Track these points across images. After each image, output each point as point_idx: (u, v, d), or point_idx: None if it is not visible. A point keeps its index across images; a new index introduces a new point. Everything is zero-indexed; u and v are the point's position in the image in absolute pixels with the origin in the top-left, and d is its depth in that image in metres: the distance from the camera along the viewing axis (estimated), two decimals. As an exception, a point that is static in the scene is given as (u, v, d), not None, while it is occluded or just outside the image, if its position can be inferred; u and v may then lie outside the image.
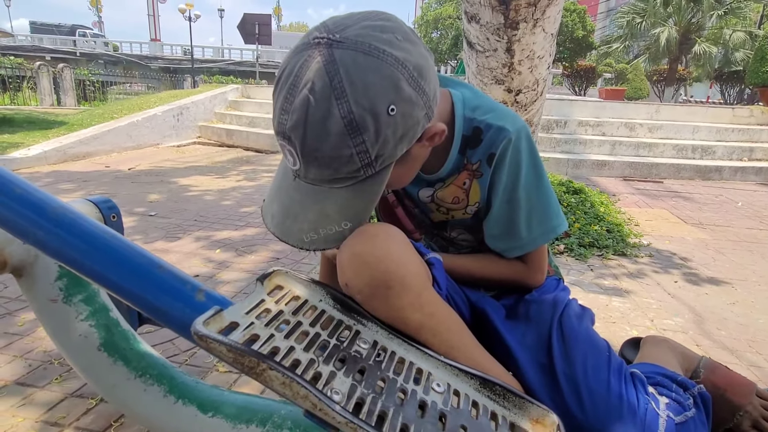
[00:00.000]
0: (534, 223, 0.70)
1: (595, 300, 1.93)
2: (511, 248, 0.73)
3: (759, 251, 2.73)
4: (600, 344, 0.65)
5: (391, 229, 0.54)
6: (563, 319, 0.67)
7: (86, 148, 5.17)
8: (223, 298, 0.52)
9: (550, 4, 1.74)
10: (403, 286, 0.50)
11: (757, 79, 7.97)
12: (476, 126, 0.68)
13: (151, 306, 0.50)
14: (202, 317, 0.43)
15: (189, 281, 0.51)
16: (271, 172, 4.69)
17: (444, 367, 0.48)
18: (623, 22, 16.58)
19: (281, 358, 0.42)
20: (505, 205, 0.69)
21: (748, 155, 5.85)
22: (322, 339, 0.47)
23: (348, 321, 0.51)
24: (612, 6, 27.83)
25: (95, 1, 42.56)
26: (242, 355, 0.39)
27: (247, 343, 0.42)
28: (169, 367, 0.84)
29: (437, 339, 0.52)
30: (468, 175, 0.70)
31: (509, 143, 0.66)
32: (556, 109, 6.57)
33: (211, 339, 0.40)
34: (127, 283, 0.49)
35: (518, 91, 2.03)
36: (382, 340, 0.50)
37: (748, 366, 1.48)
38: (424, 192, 0.74)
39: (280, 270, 0.55)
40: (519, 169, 0.67)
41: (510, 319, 0.71)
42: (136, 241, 2.39)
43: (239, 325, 0.44)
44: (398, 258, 0.50)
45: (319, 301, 0.52)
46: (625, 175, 5.29)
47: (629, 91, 13.71)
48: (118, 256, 0.50)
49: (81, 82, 13.32)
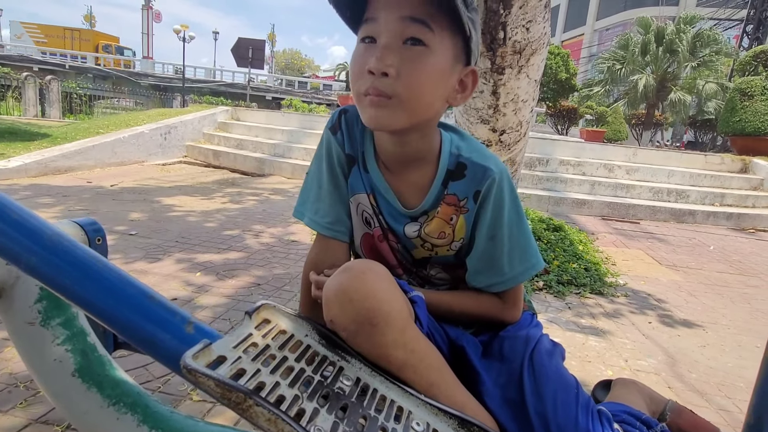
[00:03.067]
0: (515, 260, 0.74)
1: (572, 338, 1.95)
2: (493, 284, 0.75)
3: (729, 295, 2.82)
4: (569, 380, 0.67)
5: (376, 267, 0.56)
6: (534, 356, 0.69)
7: (69, 162, 5.10)
8: (211, 331, 0.52)
9: (534, 52, 1.84)
10: (387, 323, 0.51)
11: (728, 128, 8.39)
12: (461, 162, 0.73)
13: (140, 336, 0.50)
14: (191, 351, 0.43)
15: (178, 312, 0.52)
16: (257, 196, 4.68)
17: (424, 405, 0.49)
18: (604, 68, 17.37)
19: (267, 393, 0.42)
20: (489, 241, 0.73)
21: (719, 200, 6.09)
22: (307, 375, 0.48)
23: (332, 357, 0.52)
24: (594, 52, 29.15)
25: (89, 16, 42.75)
26: (230, 390, 0.40)
27: (234, 377, 0.43)
28: (144, 395, 0.82)
29: (418, 376, 0.53)
30: (455, 211, 0.74)
31: (493, 182, 0.71)
32: (539, 147, 6.77)
33: (200, 373, 0.41)
34: (117, 313, 0.50)
35: (502, 131, 2.11)
36: (365, 377, 0.51)
37: (717, 410, 1.51)
38: (410, 227, 0.76)
39: (268, 303, 0.56)
40: (502, 208, 0.72)
41: (486, 357, 0.73)
42: (115, 260, 2.34)
43: (227, 359, 0.45)
44: (383, 296, 0.52)
45: (305, 336, 0.54)
46: (603, 215, 5.44)
47: (609, 132, 14.23)
48: (108, 284, 0.50)
49: (68, 94, 13.23)
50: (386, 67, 0.60)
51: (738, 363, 1.88)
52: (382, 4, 0.61)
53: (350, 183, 0.78)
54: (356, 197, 0.79)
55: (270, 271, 2.42)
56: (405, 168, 0.75)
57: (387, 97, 0.61)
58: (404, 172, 0.75)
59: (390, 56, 0.60)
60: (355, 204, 0.79)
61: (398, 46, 0.61)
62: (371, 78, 0.61)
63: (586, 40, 32.59)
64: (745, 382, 1.71)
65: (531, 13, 1.72)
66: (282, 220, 3.65)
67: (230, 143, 7.16)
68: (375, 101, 0.62)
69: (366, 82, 0.62)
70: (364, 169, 0.77)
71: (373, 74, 0.61)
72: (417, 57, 0.61)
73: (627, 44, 16.86)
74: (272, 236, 3.15)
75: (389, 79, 0.61)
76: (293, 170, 6.16)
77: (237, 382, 0.41)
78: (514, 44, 1.78)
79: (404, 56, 0.61)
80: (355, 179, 0.78)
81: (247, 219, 3.59)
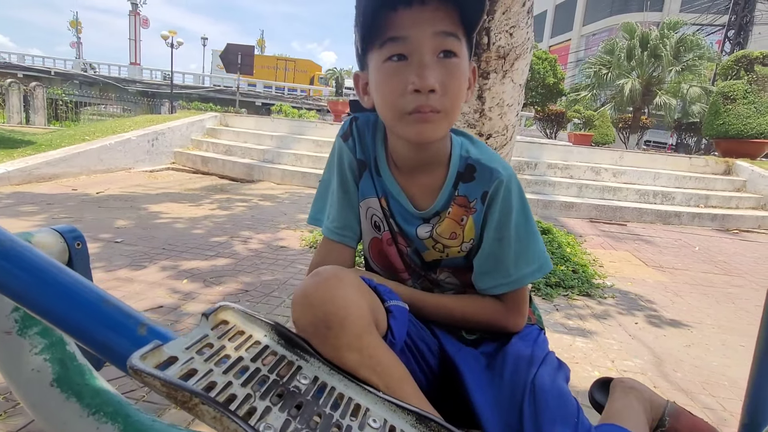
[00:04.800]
0: (521, 261, 0.75)
1: (559, 340, 1.97)
2: (498, 285, 0.76)
3: (714, 295, 2.86)
4: (570, 408, 0.65)
5: (343, 274, 0.57)
6: (536, 380, 0.67)
7: (53, 170, 5.04)
8: (166, 332, 0.53)
9: (518, 57, 1.86)
10: (342, 327, 0.52)
11: (712, 131, 8.55)
12: (470, 164, 0.75)
13: (93, 340, 0.51)
14: (139, 351, 0.44)
15: (133, 315, 0.52)
16: (246, 202, 4.66)
17: (382, 402, 0.50)
18: (591, 72, 17.62)
19: (217, 392, 0.43)
20: (496, 242, 0.74)
21: (704, 202, 6.19)
22: (262, 374, 0.48)
23: (291, 356, 0.52)
24: (581, 57, 29.56)
25: (75, 22, 42.39)
26: (175, 389, 0.41)
27: (184, 377, 0.43)
28: (125, 404, 0.81)
29: (376, 377, 0.54)
30: (465, 212, 0.76)
31: (501, 184, 0.73)
32: (527, 151, 6.84)
33: (145, 373, 0.41)
34: (70, 317, 0.50)
35: (489, 135, 2.12)
36: (323, 376, 0.51)
37: (702, 408, 1.53)
38: (423, 228, 0.77)
39: (227, 305, 0.56)
40: (510, 209, 0.74)
41: (488, 371, 0.72)
42: (99, 268, 2.31)
43: (178, 359, 0.46)
44: (341, 301, 0.54)
45: (264, 336, 0.54)
46: (591, 217, 5.50)
47: (596, 136, 14.43)
48: (63, 289, 0.51)
49: (53, 101, 13.08)
50: (432, 84, 0.63)
51: (722, 362, 1.91)
52: (411, 21, 0.63)
53: (361, 188, 0.80)
54: (366, 201, 0.80)
55: (258, 277, 2.40)
56: (417, 171, 0.76)
57: (437, 112, 0.65)
58: (416, 175, 0.77)
59: (433, 73, 0.63)
60: (365, 208, 0.81)
61: (435, 62, 0.64)
62: (417, 96, 0.63)
63: (574, 45, 33.05)
64: (729, 381, 1.74)
65: (514, 19, 1.74)
66: (271, 226, 3.63)
67: (219, 149, 7.13)
68: (427, 117, 0.64)
69: (412, 101, 0.64)
70: (376, 173, 0.79)
71: (418, 92, 0.63)
72: (454, 69, 0.65)
73: (613, 49, 17.14)
74: (261, 242, 3.13)
75: (436, 95, 0.64)
76: (283, 176, 6.14)
77: (184, 382, 0.41)
78: (498, 49, 1.80)
79: (443, 70, 0.64)
80: (366, 184, 0.80)
81: (236, 225, 3.57)
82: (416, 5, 0.62)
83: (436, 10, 0.63)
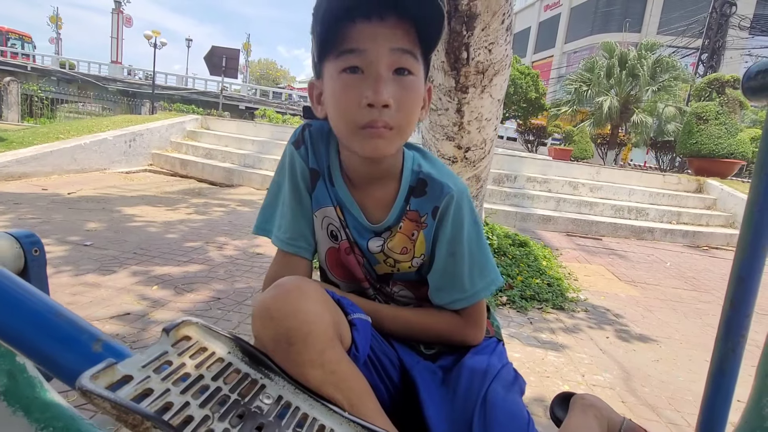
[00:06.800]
0: (476, 276, 0.75)
1: (532, 353, 1.98)
2: (455, 301, 0.75)
3: (683, 310, 2.93)
4: (520, 420, 0.64)
5: (306, 285, 0.56)
6: (488, 395, 0.67)
7: (23, 168, 4.88)
8: (123, 349, 0.50)
9: (497, 73, 1.89)
10: (305, 343, 0.51)
11: (686, 150, 8.83)
12: (421, 178, 0.75)
13: (42, 355, 0.47)
14: (90, 370, 0.41)
15: (87, 330, 0.49)
16: (224, 207, 4.59)
17: (348, 423, 0.48)
18: (571, 89, 18.03)
19: (171, 415, 0.41)
20: (450, 257, 0.74)
21: (676, 219, 6.36)
22: (223, 394, 0.46)
23: (255, 374, 0.50)
24: (563, 73, 30.24)
25: (55, 17, 41.46)
26: (126, 412, 0.38)
27: (138, 398, 0.41)
28: (77, 418, 0.78)
29: (340, 395, 0.53)
30: (416, 227, 0.75)
31: (452, 199, 0.73)
32: (507, 164, 6.93)
33: (94, 394, 0.39)
34: (16, 330, 0.47)
35: (467, 148, 2.15)
36: (288, 395, 0.50)
37: (667, 423, 1.55)
38: (374, 242, 0.76)
39: (189, 320, 0.54)
40: (462, 225, 0.73)
41: (443, 386, 0.72)
42: (65, 273, 2.24)
43: (133, 378, 0.43)
44: (304, 316, 0.52)
45: (227, 353, 0.52)
46: (568, 231, 5.59)
47: (575, 151, 14.75)
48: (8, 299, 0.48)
49: (29, 97, 12.72)
50: (386, 99, 0.62)
51: (688, 377, 1.94)
52: (369, 35, 0.62)
53: (315, 197, 0.78)
54: (322, 210, 0.78)
55: (231, 284, 2.36)
56: (370, 184, 0.75)
57: (390, 128, 0.64)
58: (369, 188, 0.75)
59: (387, 88, 0.62)
60: (320, 218, 0.79)
61: (391, 78, 0.63)
62: (371, 110, 0.62)
63: (556, 61, 33.80)
64: (694, 396, 1.77)
65: (493, 36, 1.77)
66: (248, 232, 3.59)
67: (199, 152, 7.03)
68: (380, 132, 0.64)
69: (366, 115, 0.63)
70: (330, 183, 0.77)
71: (372, 106, 0.62)
72: (409, 86, 0.65)
73: (593, 67, 17.57)
74: (236, 249, 3.09)
75: (390, 110, 0.63)
76: (263, 181, 6.08)
77: (137, 404, 0.39)
78: (477, 64, 1.82)
79: (398, 87, 0.64)
80: (321, 193, 0.78)
81: (212, 230, 3.51)
82: (375, 19, 0.62)
83: (394, 27, 0.63)
